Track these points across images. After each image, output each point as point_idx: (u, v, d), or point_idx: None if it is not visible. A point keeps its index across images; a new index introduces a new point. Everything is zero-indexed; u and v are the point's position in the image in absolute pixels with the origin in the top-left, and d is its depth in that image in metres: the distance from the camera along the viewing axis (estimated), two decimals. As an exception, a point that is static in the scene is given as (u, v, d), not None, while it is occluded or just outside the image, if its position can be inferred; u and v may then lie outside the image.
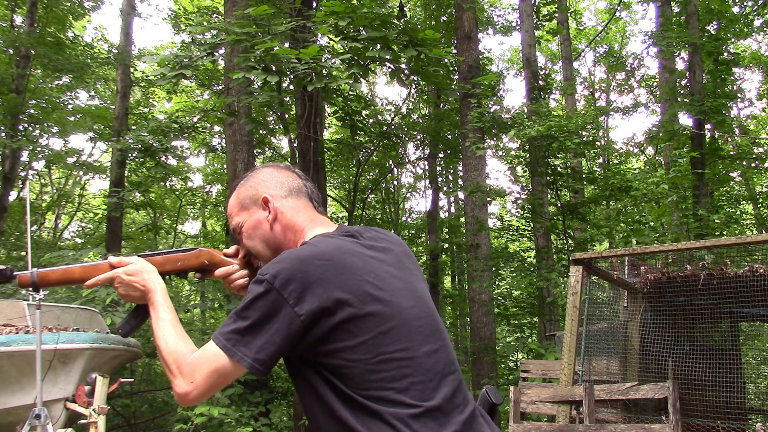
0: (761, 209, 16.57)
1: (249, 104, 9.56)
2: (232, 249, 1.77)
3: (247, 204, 1.67)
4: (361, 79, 7.78)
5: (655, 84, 18.89)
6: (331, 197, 15.82)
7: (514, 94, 55.51)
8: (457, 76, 12.77)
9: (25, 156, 15.03)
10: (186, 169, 17.74)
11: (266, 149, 16.45)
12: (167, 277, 1.70)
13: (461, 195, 16.39)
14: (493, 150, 12.49)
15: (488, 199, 11.87)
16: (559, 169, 11.14)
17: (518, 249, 15.40)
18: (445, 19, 15.82)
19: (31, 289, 1.66)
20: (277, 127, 15.69)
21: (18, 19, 15.16)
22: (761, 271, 5.49)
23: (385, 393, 1.36)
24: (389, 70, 7.87)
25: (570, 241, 11.25)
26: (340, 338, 1.36)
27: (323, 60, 7.25)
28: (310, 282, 1.37)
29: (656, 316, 6.31)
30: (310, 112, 10.04)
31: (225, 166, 14.88)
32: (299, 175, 1.72)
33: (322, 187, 11.31)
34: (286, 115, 13.59)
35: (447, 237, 19.10)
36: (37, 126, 15.45)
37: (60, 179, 20.95)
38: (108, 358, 6.45)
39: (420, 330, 1.45)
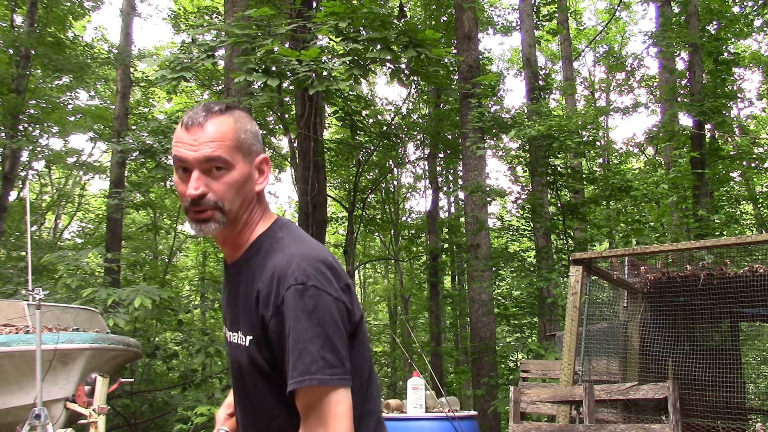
0: (761, 209, 16.55)
1: (249, 104, 9.54)
2: None
3: (245, 151, 1.33)
4: (362, 80, 7.78)
5: (655, 84, 18.88)
6: (331, 197, 15.80)
7: (514, 94, 55.69)
8: (457, 76, 12.76)
9: (25, 156, 15.02)
10: (186, 169, 17.68)
11: (266, 149, 16.44)
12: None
13: (461, 195, 16.37)
14: (493, 150, 12.49)
15: (488, 199, 11.86)
16: (559, 169, 11.14)
17: (518, 249, 15.38)
18: (445, 19, 15.81)
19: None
20: (277, 127, 15.70)
21: (18, 19, 15.15)
22: (761, 271, 5.48)
23: (371, 405, 1.35)
24: (389, 70, 7.87)
25: (570, 241, 11.25)
26: (353, 346, 1.31)
27: (323, 61, 7.25)
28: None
29: (656, 316, 6.31)
30: (310, 112, 10.05)
31: (225, 166, 14.83)
32: None
33: (322, 187, 11.30)
34: (286, 115, 13.59)
35: (447, 237, 19.08)
36: (37, 126, 15.44)
37: (60, 179, 20.95)
38: (108, 358, 6.45)
39: None
